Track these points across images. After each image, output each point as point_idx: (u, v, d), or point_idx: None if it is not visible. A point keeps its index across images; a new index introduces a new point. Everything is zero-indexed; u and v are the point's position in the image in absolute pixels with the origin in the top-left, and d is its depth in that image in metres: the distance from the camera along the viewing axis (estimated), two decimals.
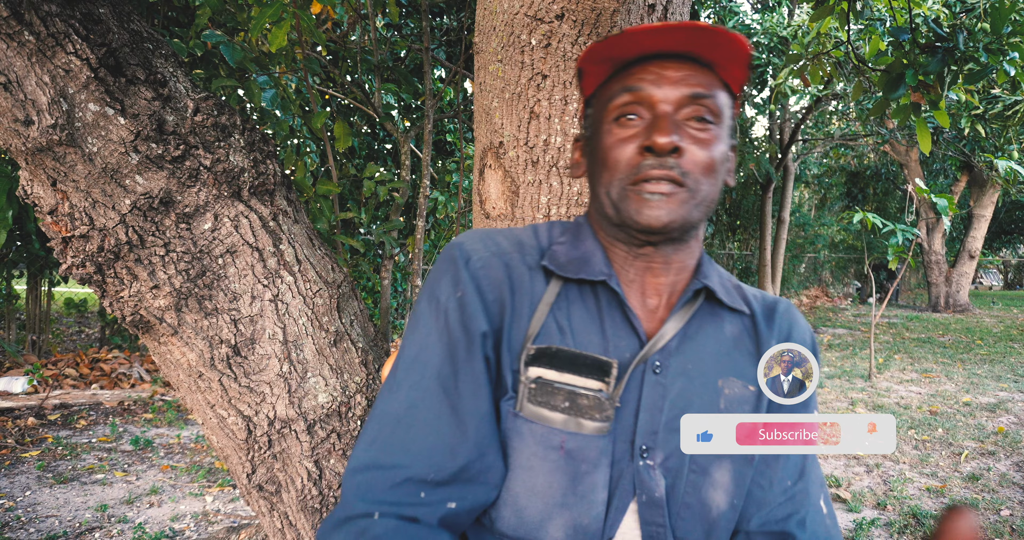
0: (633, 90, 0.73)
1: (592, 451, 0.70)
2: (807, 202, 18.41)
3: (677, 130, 0.70)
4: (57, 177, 1.08)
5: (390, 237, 2.57)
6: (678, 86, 0.72)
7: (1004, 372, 6.55)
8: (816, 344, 0.84)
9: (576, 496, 0.70)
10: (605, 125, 0.75)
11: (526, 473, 0.71)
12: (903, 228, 5.28)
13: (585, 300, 0.76)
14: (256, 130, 1.29)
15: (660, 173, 0.70)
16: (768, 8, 9.77)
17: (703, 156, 0.72)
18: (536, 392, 0.70)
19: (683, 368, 0.75)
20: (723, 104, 0.75)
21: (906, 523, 2.99)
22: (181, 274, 1.16)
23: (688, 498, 0.74)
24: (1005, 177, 4.66)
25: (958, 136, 10.07)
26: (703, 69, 0.74)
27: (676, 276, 0.78)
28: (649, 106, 0.72)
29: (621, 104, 0.73)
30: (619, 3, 1.07)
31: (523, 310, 0.74)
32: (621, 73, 0.75)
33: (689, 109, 0.72)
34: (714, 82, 0.74)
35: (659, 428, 0.73)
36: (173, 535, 2.83)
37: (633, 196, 0.71)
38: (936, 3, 3.08)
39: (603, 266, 0.76)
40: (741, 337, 0.80)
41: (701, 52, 0.73)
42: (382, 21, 4.04)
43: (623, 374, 0.72)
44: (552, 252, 0.78)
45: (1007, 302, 15.95)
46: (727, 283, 0.83)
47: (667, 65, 0.73)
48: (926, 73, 1.97)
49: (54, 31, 0.98)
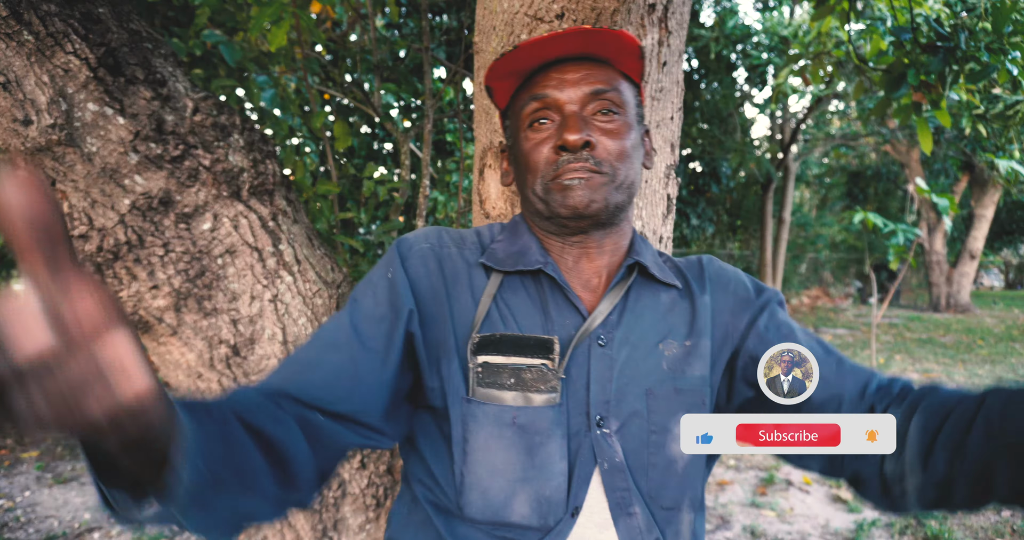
0: (540, 97, 0.79)
1: (543, 422, 0.74)
2: (808, 202, 18.41)
3: (586, 126, 0.77)
4: (56, 177, 1.08)
5: (390, 237, 2.57)
6: (579, 86, 0.78)
7: (1005, 372, 6.54)
8: (757, 281, 0.90)
9: (535, 468, 0.74)
10: (522, 132, 0.81)
11: (485, 454, 0.74)
12: (904, 228, 5.27)
13: (527, 288, 0.81)
14: (255, 130, 1.28)
15: (576, 166, 0.76)
16: (768, 8, 9.76)
17: (614, 145, 0.78)
18: (483, 375, 0.75)
19: (626, 338, 0.80)
20: (626, 95, 0.81)
21: (906, 523, 2.99)
22: (180, 274, 1.16)
23: (654, 458, 0.77)
24: (1006, 177, 4.65)
25: (959, 136, 10.07)
26: (601, 66, 0.80)
27: (611, 257, 0.84)
28: (557, 109, 0.79)
29: (531, 111, 0.80)
30: (619, 3, 1.06)
31: (465, 301, 0.79)
32: (527, 83, 0.82)
33: (594, 105, 0.78)
34: (613, 76, 0.81)
35: (611, 397, 0.77)
36: (172, 535, 2.83)
37: (556, 187, 0.78)
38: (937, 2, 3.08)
39: (539, 255, 0.82)
40: (675, 302, 0.85)
41: (595, 52, 0.80)
42: (382, 21, 4.03)
43: (566, 349, 0.77)
44: (491, 250, 0.84)
45: (1008, 302, 15.94)
46: (659, 260, 0.89)
47: (567, 68, 0.79)
48: (927, 73, 1.96)
49: (53, 31, 0.98)
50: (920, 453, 0.70)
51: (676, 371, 0.80)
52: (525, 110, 0.81)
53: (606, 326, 0.79)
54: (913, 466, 0.70)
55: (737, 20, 8.62)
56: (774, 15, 9.01)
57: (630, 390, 0.78)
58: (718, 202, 12.25)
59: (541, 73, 0.81)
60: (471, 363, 0.75)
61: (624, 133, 0.79)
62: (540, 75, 0.80)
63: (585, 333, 0.78)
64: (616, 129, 0.78)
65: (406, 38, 4.06)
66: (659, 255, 0.92)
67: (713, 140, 10.35)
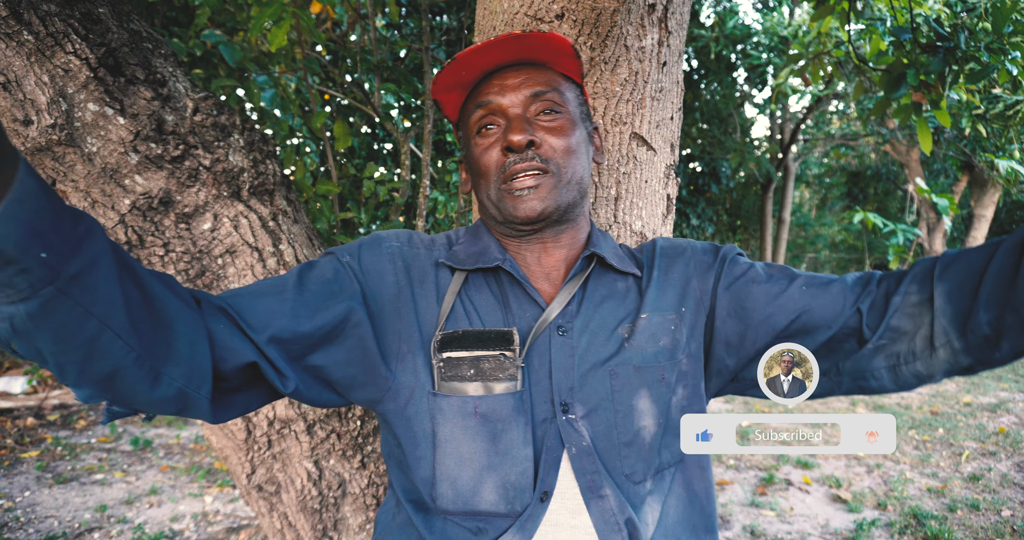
0: (484, 104, 0.84)
1: (504, 409, 0.77)
2: (807, 202, 18.41)
3: (529, 126, 0.81)
4: (56, 177, 1.08)
5: None
6: (519, 90, 0.83)
7: (1005, 372, 6.54)
8: (710, 244, 0.92)
9: (499, 455, 0.76)
10: (472, 140, 0.86)
11: (452, 445, 0.77)
12: (904, 228, 5.27)
13: (489, 285, 0.85)
14: (255, 130, 1.28)
15: (524, 165, 0.80)
16: (769, 8, 9.76)
17: (559, 142, 0.82)
18: (445, 369, 0.78)
19: (586, 326, 0.83)
20: (566, 94, 0.85)
21: (907, 523, 2.99)
22: (181, 274, 1.16)
23: (624, 437, 0.79)
24: (1006, 177, 4.65)
25: (959, 136, 10.07)
26: (539, 69, 0.85)
27: (570, 250, 0.88)
28: (501, 114, 0.83)
29: (478, 119, 0.85)
30: (619, 3, 1.06)
31: (430, 301, 0.82)
32: (473, 93, 0.87)
33: (536, 105, 0.83)
34: (552, 77, 0.85)
35: (574, 384, 0.79)
36: (172, 535, 2.83)
37: (507, 196, 0.82)
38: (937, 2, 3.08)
39: (497, 253, 0.85)
40: (631, 288, 0.88)
41: (530, 56, 0.84)
42: (382, 21, 4.03)
43: (526, 339, 0.80)
44: (453, 252, 0.88)
45: None
46: (619, 251, 0.92)
47: (507, 75, 0.84)
48: (927, 73, 1.96)
49: (53, 31, 0.98)
50: (956, 320, 0.70)
51: (633, 349, 0.82)
52: (472, 118, 0.85)
53: (565, 315, 0.83)
54: (948, 336, 0.71)
55: (737, 20, 8.61)
56: (774, 15, 9.01)
57: (593, 375, 0.80)
58: (718, 202, 12.24)
59: (484, 82, 0.85)
60: (435, 359, 0.78)
61: (568, 130, 0.83)
62: (483, 84, 0.85)
63: (544, 323, 0.81)
64: (559, 127, 0.82)
65: (406, 38, 4.06)
66: (621, 247, 0.95)
67: (713, 140, 10.34)
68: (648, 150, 1.22)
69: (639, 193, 1.22)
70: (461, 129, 0.91)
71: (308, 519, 1.36)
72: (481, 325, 0.81)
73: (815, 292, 0.81)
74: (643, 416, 0.80)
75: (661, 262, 0.90)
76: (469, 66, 0.83)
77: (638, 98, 1.18)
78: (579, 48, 1.12)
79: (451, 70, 0.83)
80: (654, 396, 0.81)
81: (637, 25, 1.13)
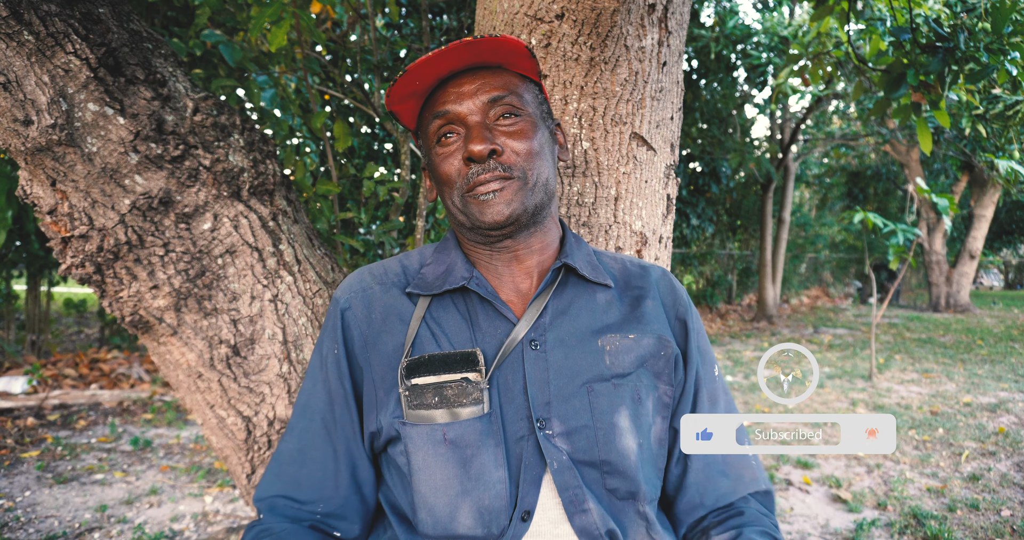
0: (441, 114, 0.81)
1: (472, 434, 0.76)
2: (807, 202, 18.40)
3: (490, 133, 0.79)
4: (56, 177, 1.08)
5: (390, 237, 2.57)
6: (476, 96, 0.80)
7: (1005, 372, 6.54)
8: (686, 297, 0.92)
9: (472, 480, 0.75)
10: (433, 149, 0.84)
11: (425, 473, 0.76)
12: (904, 228, 5.27)
13: (456, 304, 0.84)
14: (255, 130, 1.28)
15: (487, 176, 0.78)
16: (769, 8, 9.76)
17: (521, 146, 0.80)
18: (411, 398, 0.78)
19: (560, 340, 0.81)
20: (525, 96, 0.83)
21: (907, 523, 2.99)
22: (180, 274, 1.16)
23: (606, 454, 0.78)
24: (1006, 177, 4.65)
25: (959, 136, 10.07)
26: (495, 71, 0.83)
27: (541, 256, 0.87)
28: (460, 122, 0.81)
29: (436, 128, 0.82)
30: (619, 3, 1.07)
31: (399, 333, 0.82)
32: (429, 101, 0.84)
33: (495, 110, 0.81)
34: (509, 79, 0.83)
35: (551, 399, 0.78)
36: (172, 535, 2.83)
37: (472, 202, 0.80)
38: (937, 3, 3.08)
39: (463, 271, 0.84)
40: (612, 302, 0.87)
41: (485, 59, 0.82)
42: (382, 21, 4.03)
43: (493, 358, 0.79)
44: (421, 275, 0.87)
45: (1008, 302, 15.94)
46: (593, 260, 0.90)
47: (462, 81, 0.81)
48: (927, 73, 1.96)
49: (53, 31, 0.98)
50: None
51: (616, 365, 0.81)
52: (431, 128, 0.83)
53: (537, 329, 0.81)
54: None
55: (737, 20, 8.61)
56: (774, 15, 9.01)
57: (570, 389, 0.79)
58: (718, 202, 12.24)
59: (439, 89, 0.83)
60: (401, 387, 0.78)
61: (529, 133, 0.81)
62: (439, 91, 0.83)
63: (515, 340, 0.79)
64: (520, 130, 0.80)
65: (406, 38, 4.06)
66: (602, 254, 0.94)
67: (713, 140, 10.34)
68: (648, 150, 1.22)
69: (639, 193, 1.22)
70: (420, 138, 0.89)
71: None
72: (450, 346, 0.80)
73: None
74: (623, 434, 0.79)
75: (660, 292, 0.89)
76: (422, 76, 0.80)
77: (638, 98, 1.18)
78: (578, 48, 1.12)
79: (404, 82, 0.80)
80: (633, 415, 0.80)
81: (637, 25, 1.13)
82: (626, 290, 0.89)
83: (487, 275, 0.86)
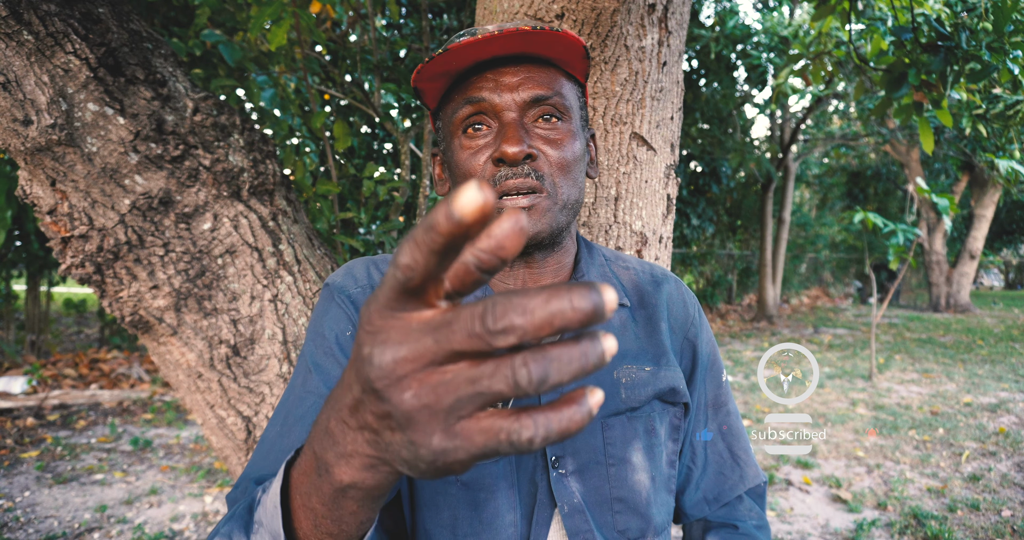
0: (474, 101, 0.71)
1: (486, 478, 0.71)
2: (808, 202, 18.40)
3: (526, 135, 0.70)
4: (56, 177, 1.08)
5: (390, 237, 2.57)
6: (518, 90, 0.71)
7: (1005, 372, 6.54)
8: (697, 310, 0.89)
9: (482, 524, 0.71)
10: (455, 139, 0.74)
11: (432, 510, 0.72)
12: (904, 228, 5.28)
13: None
14: (255, 130, 1.28)
15: (517, 182, 0.69)
16: (769, 8, 9.76)
17: (556, 155, 0.71)
18: None
19: None
20: (569, 99, 0.74)
21: (907, 523, 2.99)
22: (180, 274, 1.16)
23: (618, 492, 0.75)
24: (1006, 177, 4.65)
25: (959, 136, 10.07)
26: (542, 66, 0.72)
27: (555, 276, 0.80)
28: (494, 114, 0.71)
29: (465, 116, 0.72)
30: (619, 3, 1.06)
31: None
32: (461, 83, 0.73)
33: (535, 110, 0.72)
34: (556, 77, 0.73)
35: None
36: (172, 535, 2.83)
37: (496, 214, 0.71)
38: (938, 2, 3.07)
39: (477, 291, 0.78)
40: (626, 324, 0.81)
41: (536, 51, 0.72)
42: (382, 21, 4.03)
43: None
44: None
45: (1008, 302, 15.93)
46: (606, 274, 0.84)
47: (504, 70, 0.71)
48: (928, 72, 1.96)
49: (53, 31, 0.97)
50: None
51: (630, 398, 0.76)
52: (459, 114, 0.73)
53: None
54: None
55: (737, 20, 8.61)
56: (774, 15, 9.01)
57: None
58: (718, 202, 12.24)
59: (477, 73, 0.73)
60: None
61: (568, 142, 0.72)
62: (475, 76, 0.72)
63: None
64: (559, 138, 0.72)
65: (406, 38, 4.05)
66: (613, 262, 0.88)
67: (713, 140, 10.34)
68: (648, 150, 1.22)
69: (639, 193, 1.21)
70: (440, 120, 0.78)
71: None
72: None
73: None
74: (636, 470, 0.76)
75: (672, 312, 0.85)
76: (462, 57, 0.70)
77: (638, 98, 1.18)
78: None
79: (440, 61, 0.70)
80: (646, 448, 0.77)
81: (637, 25, 1.13)
82: (640, 308, 0.84)
83: (497, 292, 0.79)
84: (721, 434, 0.89)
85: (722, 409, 0.89)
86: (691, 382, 0.86)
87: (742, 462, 0.89)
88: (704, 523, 0.89)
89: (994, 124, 4.64)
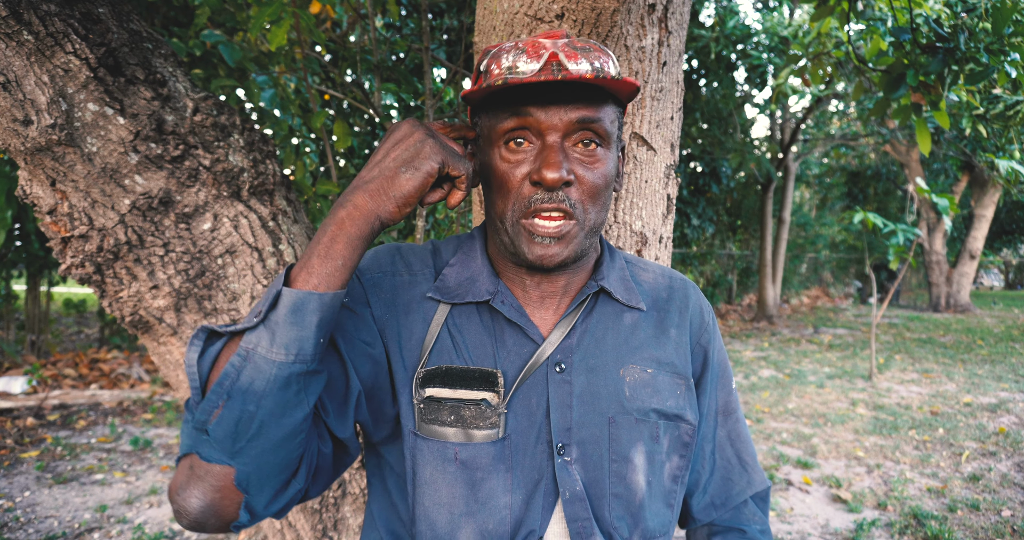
0: (521, 114, 0.71)
1: (484, 458, 0.74)
2: (808, 202, 18.41)
3: (566, 160, 0.71)
4: (56, 177, 1.08)
5: (390, 237, 2.57)
6: (567, 111, 0.70)
7: (1005, 372, 6.54)
8: (711, 317, 0.91)
9: (478, 503, 0.74)
10: (496, 149, 0.74)
11: (431, 488, 0.75)
12: (904, 228, 5.28)
13: (481, 315, 0.79)
14: (255, 130, 1.28)
15: (550, 206, 0.71)
16: (769, 8, 9.76)
17: (591, 183, 0.73)
18: (425, 411, 0.75)
19: (586, 363, 0.79)
20: (611, 125, 0.74)
21: (907, 523, 2.99)
22: (180, 274, 1.16)
23: (616, 488, 0.77)
24: (1006, 177, 4.65)
25: (959, 136, 10.07)
26: (592, 86, 0.71)
27: (572, 277, 0.82)
28: (537, 132, 0.71)
29: (508, 129, 0.72)
30: (619, 3, 1.06)
31: (418, 332, 0.78)
32: (509, 90, 0.72)
33: (577, 135, 0.72)
34: (603, 100, 0.73)
35: (572, 424, 0.76)
36: (172, 535, 2.83)
37: (525, 235, 0.73)
38: (937, 3, 3.08)
39: (488, 285, 0.79)
40: (638, 324, 0.83)
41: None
42: (382, 21, 4.03)
43: (514, 381, 0.76)
44: (443, 277, 0.81)
45: (1008, 302, 15.94)
46: (626, 275, 0.86)
47: (556, 85, 0.70)
48: (927, 73, 1.96)
49: (53, 31, 0.97)
50: None
51: (635, 400, 0.79)
52: (503, 125, 0.72)
53: (563, 351, 0.78)
54: None
55: (737, 20, 8.61)
56: (774, 15, 9.01)
57: (591, 418, 0.77)
58: (718, 202, 12.24)
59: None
60: (416, 397, 0.75)
61: (602, 169, 0.73)
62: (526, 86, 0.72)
63: (538, 361, 0.76)
64: (596, 163, 0.73)
65: (406, 38, 4.05)
66: (633, 265, 0.89)
67: (713, 140, 10.35)
68: (648, 150, 1.22)
69: (639, 193, 1.22)
70: (480, 120, 0.78)
71: (308, 519, 1.36)
72: (469, 359, 0.76)
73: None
74: (635, 470, 0.78)
75: (684, 318, 0.86)
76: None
77: (638, 98, 1.18)
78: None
79: (501, 89, 0.71)
80: (648, 453, 0.79)
81: (637, 25, 1.13)
82: (653, 311, 0.85)
83: (513, 288, 0.81)
84: (730, 440, 0.91)
85: (731, 416, 0.92)
86: (701, 388, 0.88)
87: (749, 468, 0.92)
88: (709, 527, 0.91)
89: (994, 124, 4.65)
